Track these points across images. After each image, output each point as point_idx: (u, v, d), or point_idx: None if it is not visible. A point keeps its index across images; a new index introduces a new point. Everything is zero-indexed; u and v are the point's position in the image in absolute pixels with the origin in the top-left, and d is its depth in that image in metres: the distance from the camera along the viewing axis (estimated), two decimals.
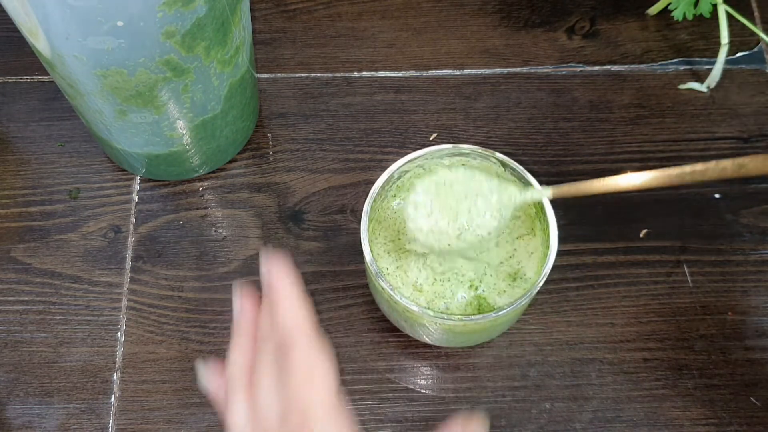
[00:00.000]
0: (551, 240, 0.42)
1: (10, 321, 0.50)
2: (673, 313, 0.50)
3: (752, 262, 0.52)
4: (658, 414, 0.48)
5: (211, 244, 0.52)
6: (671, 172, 0.35)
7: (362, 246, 0.43)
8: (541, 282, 0.41)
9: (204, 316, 0.50)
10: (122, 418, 0.48)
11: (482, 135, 0.56)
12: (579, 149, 0.55)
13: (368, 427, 0.47)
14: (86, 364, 0.49)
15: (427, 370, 0.49)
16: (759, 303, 0.50)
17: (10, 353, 0.49)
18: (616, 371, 0.49)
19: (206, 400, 0.48)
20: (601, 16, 0.60)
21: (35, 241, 0.53)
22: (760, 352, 0.49)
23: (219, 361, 0.36)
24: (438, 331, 0.44)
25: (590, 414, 0.48)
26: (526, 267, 0.45)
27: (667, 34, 0.59)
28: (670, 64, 0.58)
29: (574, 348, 0.49)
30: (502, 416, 0.48)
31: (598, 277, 0.51)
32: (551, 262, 0.42)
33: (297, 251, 0.52)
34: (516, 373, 0.49)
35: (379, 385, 0.48)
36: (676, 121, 0.56)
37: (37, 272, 0.52)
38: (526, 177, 0.44)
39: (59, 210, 0.54)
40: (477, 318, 0.41)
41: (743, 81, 0.58)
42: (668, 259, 0.52)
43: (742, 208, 0.53)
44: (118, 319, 0.50)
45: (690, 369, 0.49)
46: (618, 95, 0.57)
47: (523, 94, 0.57)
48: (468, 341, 0.48)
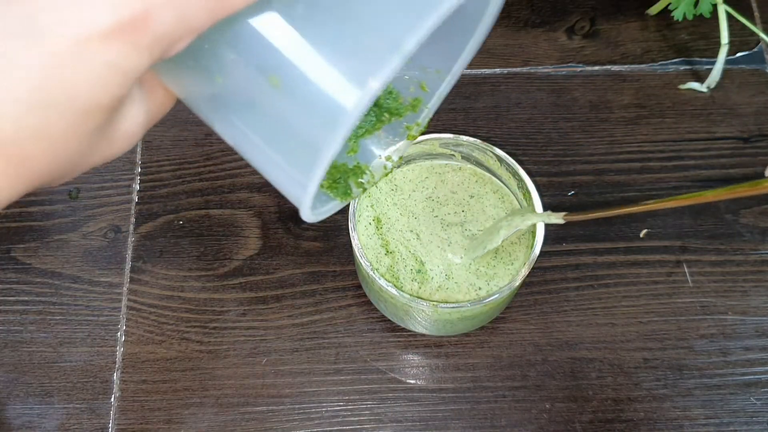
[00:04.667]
0: (537, 237, 0.43)
1: (10, 321, 0.50)
2: (673, 313, 0.50)
3: (752, 262, 0.52)
4: (658, 414, 0.48)
5: (211, 244, 0.52)
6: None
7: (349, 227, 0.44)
8: (520, 275, 0.42)
9: (204, 316, 0.50)
10: (122, 418, 0.48)
11: (482, 135, 0.56)
12: (579, 149, 0.55)
13: (368, 427, 0.47)
14: (86, 364, 0.49)
15: (427, 370, 0.49)
16: (759, 303, 0.50)
17: (10, 353, 0.49)
18: (616, 371, 0.49)
19: (206, 400, 0.48)
20: (601, 16, 0.60)
21: (35, 241, 0.53)
22: (760, 352, 0.49)
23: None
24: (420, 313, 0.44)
25: (590, 414, 0.48)
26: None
27: (667, 34, 0.59)
28: (670, 64, 0.58)
29: (574, 348, 0.49)
30: (502, 416, 0.47)
31: (598, 277, 0.51)
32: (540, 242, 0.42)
33: (297, 251, 0.52)
34: (516, 373, 0.49)
35: (379, 385, 0.48)
36: (676, 121, 0.56)
37: (37, 272, 0.52)
38: (520, 173, 0.44)
39: (59, 210, 0.54)
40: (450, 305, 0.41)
41: (743, 81, 0.58)
42: (668, 259, 0.52)
43: (742, 208, 0.53)
44: (118, 319, 0.50)
45: (690, 369, 0.49)
46: (618, 95, 0.57)
47: (523, 94, 0.57)
48: (462, 327, 0.48)
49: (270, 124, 0.24)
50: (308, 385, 0.48)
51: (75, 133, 0.21)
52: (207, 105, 0.25)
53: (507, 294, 0.43)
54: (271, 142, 0.25)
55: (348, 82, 0.22)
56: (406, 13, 0.22)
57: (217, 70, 0.24)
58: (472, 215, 0.46)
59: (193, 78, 0.25)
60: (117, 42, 0.20)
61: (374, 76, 0.21)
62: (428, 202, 0.47)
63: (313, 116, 0.23)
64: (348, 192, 0.33)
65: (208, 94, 0.25)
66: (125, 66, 0.21)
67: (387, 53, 0.21)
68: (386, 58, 0.21)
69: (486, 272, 0.44)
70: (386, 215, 0.46)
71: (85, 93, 0.21)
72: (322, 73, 0.22)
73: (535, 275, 0.51)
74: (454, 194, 0.47)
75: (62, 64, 0.20)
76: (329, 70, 0.22)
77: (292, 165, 0.24)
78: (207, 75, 0.24)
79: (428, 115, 0.34)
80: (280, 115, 0.24)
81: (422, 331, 0.48)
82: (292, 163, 0.24)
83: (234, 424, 0.47)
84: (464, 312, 0.43)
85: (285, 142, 0.24)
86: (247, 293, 0.51)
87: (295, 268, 0.52)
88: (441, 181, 0.47)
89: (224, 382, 0.48)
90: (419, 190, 0.47)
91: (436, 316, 0.44)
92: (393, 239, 0.45)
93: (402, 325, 0.48)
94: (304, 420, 0.48)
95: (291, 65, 0.23)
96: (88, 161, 0.24)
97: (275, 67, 0.23)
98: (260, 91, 0.23)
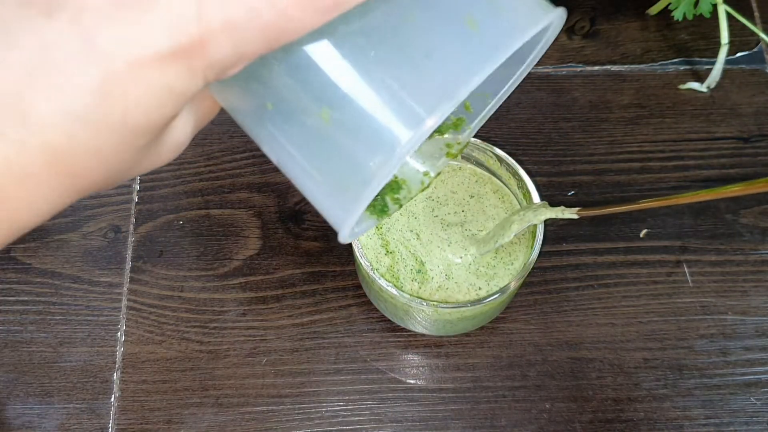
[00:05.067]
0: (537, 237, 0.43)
1: (10, 321, 0.50)
2: (673, 313, 0.50)
3: (752, 262, 0.52)
4: (658, 414, 0.48)
5: (211, 244, 0.53)
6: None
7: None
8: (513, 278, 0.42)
9: (204, 316, 0.50)
10: (122, 418, 0.48)
11: (482, 135, 0.56)
12: (579, 149, 0.55)
13: (368, 427, 0.47)
14: (86, 364, 0.49)
15: (427, 370, 0.49)
16: (759, 303, 0.50)
17: (10, 353, 0.49)
18: (616, 371, 0.49)
19: (206, 400, 0.48)
20: (601, 16, 0.60)
21: (35, 241, 0.53)
22: (760, 352, 0.49)
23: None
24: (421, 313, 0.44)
25: (590, 414, 0.48)
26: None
27: (667, 34, 0.59)
28: (670, 64, 0.58)
29: (574, 348, 0.49)
30: (502, 416, 0.48)
31: (598, 277, 0.51)
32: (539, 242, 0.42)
33: (297, 251, 0.52)
34: (516, 373, 0.49)
35: (379, 385, 0.48)
36: (676, 121, 0.56)
37: (37, 272, 0.52)
38: (520, 173, 0.44)
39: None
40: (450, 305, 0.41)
41: (743, 81, 0.58)
42: (668, 259, 0.52)
43: (742, 208, 0.53)
44: (118, 319, 0.50)
45: (690, 369, 0.49)
46: (618, 95, 0.57)
47: (523, 94, 0.57)
48: (462, 327, 0.48)
49: (318, 151, 0.25)
50: (308, 385, 0.48)
51: (126, 149, 0.22)
52: (254, 124, 0.26)
53: (507, 294, 0.43)
54: (318, 168, 0.25)
55: (403, 122, 0.22)
56: (463, 63, 0.22)
57: (268, 94, 0.24)
58: (472, 215, 0.46)
59: (243, 99, 0.25)
60: (173, 65, 0.20)
61: (430, 115, 0.22)
62: (428, 202, 0.47)
63: (364, 149, 0.23)
64: (385, 209, 0.33)
65: (256, 114, 0.25)
66: (179, 89, 0.21)
67: (443, 97, 0.22)
68: (442, 100, 0.22)
69: (486, 272, 0.44)
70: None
71: (139, 113, 0.21)
72: (377, 110, 0.23)
73: (535, 275, 0.51)
74: (454, 194, 0.47)
75: (118, 84, 0.20)
76: (384, 108, 0.23)
77: (337, 192, 0.25)
78: (257, 97, 0.24)
79: (470, 135, 0.34)
80: (330, 144, 0.24)
81: (422, 331, 0.48)
82: (337, 191, 0.25)
83: (234, 424, 0.47)
84: (464, 312, 0.43)
85: (332, 170, 0.25)
86: (247, 293, 0.51)
87: (295, 268, 0.52)
88: (441, 181, 0.47)
89: (224, 382, 0.48)
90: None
91: (436, 316, 0.44)
92: (393, 239, 0.45)
93: (402, 325, 0.48)
94: (304, 420, 0.48)
95: (345, 98, 0.23)
96: (136, 171, 0.24)
97: (329, 98, 0.23)
98: (311, 121, 0.24)
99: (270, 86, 0.24)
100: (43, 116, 0.20)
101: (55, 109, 0.20)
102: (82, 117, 0.20)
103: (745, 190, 0.33)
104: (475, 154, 0.46)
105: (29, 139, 0.20)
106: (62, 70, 0.20)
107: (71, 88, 0.20)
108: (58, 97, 0.20)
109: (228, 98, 0.26)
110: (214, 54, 0.21)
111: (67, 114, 0.20)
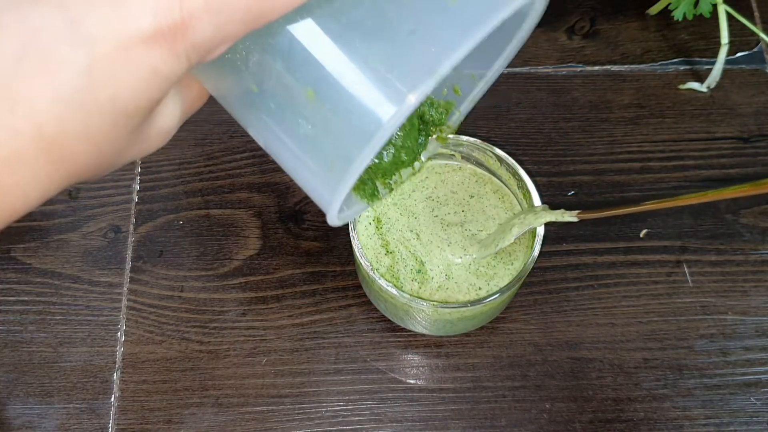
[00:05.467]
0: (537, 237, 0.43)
1: (10, 321, 0.50)
2: (673, 313, 0.50)
3: (752, 262, 0.52)
4: (658, 414, 0.48)
5: (211, 244, 0.53)
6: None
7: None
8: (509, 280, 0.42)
9: (204, 316, 0.50)
10: (122, 418, 0.48)
11: (482, 135, 0.56)
12: (579, 149, 0.55)
13: (368, 427, 0.47)
14: (86, 364, 0.49)
15: (427, 370, 0.49)
16: (759, 303, 0.50)
17: (10, 353, 0.49)
18: (616, 371, 0.49)
19: (206, 400, 0.48)
20: (601, 16, 0.60)
21: (35, 241, 0.53)
22: (760, 352, 0.49)
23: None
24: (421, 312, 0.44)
25: (590, 414, 0.48)
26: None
27: (667, 34, 0.59)
28: (670, 64, 0.58)
29: (574, 348, 0.49)
30: (502, 416, 0.48)
31: (598, 277, 0.51)
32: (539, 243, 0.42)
33: (297, 251, 0.52)
34: (516, 373, 0.49)
35: (379, 385, 0.48)
36: (676, 121, 0.56)
37: (37, 272, 0.52)
38: (520, 173, 0.44)
39: (59, 210, 0.54)
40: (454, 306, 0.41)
41: (743, 81, 0.58)
42: (668, 259, 0.52)
43: (742, 208, 0.53)
44: (118, 319, 0.50)
45: (690, 369, 0.49)
46: (618, 95, 0.57)
47: (523, 94, 0.57)
48: (462, 327, 0.48)
49: (304, 130, 0.25)
50: (308, 385, 0.48)
51: (115, 133, 0.22)
52: (240, 106, 0.26)
53: (507, 294, 0.43)
54: (303, 148, 0.25)
55: (385, 99, 0.22)
56: (445, 39, 0.22)
57: (252, 75, 0.24)
58: (472, 215, 0.46)
59: (228, 81, 0.25)
60: (157, 47, 0.21)
61: (413, 91, 0.22)
62: (428, 201, 0.47)
63: (348, 128, 0.23)
64: (375, 193, 0.33)
65: (241, 97, 0.25)
66: (165, 70, 0.21)
67: (424, 74, 0.22)
68: (424, 76, 0.22)
69: (486, 272, 0.44)
70: (386, 215, 0.46)
71: (127, 95, 0.21)
72: (360, 88, 0.23)
73: (535, 275, 0.51)
74: (454, 194, 0.47)
75: (106, 67, 0.20)
76: (367, 86, 0.23)
77: (323, 172, 0.25)
78: (242, 80, 0.25)
79: (459, 119, 0.34)
80: (315, 123, 0.24)
81: (422, 331, 0.48)
82: (323, 170, 0.25)
83: (234, 424, 0.47)
84: (464, 312, 0.43)
85: (318, 150, 0.25)
86: (247, 293, 0.51)
87: (295, 268, 0.52)
88: (441, 180, 0.47)
89: (224, 382, 0.48)
90: (419, 190, 0.47)
91: (436, 316, 0.44)
92: (393, 239, 0.45)
93: (402, 325, 0.48)
94: (304, 420, 0.48)
95: (329, 77, 0.23)
96: (125, 157, 0.24)
97: (313, 78, 0.23)
98: (295, 100, 0.24)
99: (254, 67, 0.24)
100: (33, 101, 0.20)
101: (44, 93, 0.20)
102: (72, 100, 0.20)
103: (751, 191, 0.33)
104: (475, 154, 0.46)
105: (19, 124, 0.20)
106: (50, 54, 0.20)
107: (60, 71, 0.20)
108: (47, 81, 0.20)
109: (214, 82, 0.26)
110: (196, 35, 0.21)
111: (56, 98, 0.20)
